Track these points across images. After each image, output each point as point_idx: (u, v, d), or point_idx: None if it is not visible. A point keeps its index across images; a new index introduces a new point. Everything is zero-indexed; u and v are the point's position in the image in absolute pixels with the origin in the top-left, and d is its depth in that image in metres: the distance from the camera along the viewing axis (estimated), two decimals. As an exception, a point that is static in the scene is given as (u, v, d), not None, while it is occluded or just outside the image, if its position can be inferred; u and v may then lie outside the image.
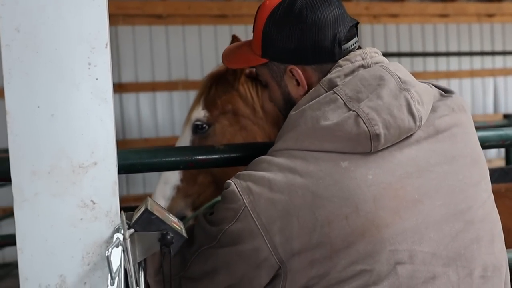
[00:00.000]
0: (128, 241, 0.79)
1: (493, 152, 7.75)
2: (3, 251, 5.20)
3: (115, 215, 0.84)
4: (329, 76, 1.09)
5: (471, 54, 7.40)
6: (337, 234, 0.98)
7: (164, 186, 1.70)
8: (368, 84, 1.05)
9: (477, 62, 8.04)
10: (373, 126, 1.00)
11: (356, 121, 1.00)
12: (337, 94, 1.04)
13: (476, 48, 7.93)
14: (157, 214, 0.85)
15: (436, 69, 7.89)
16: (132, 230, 0.82)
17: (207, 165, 1.17)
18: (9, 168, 0.81)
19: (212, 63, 6.87)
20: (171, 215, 0.98)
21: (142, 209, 0.86)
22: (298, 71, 1.14)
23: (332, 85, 1.07)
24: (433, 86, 1.15)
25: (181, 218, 1.71)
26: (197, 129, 1.71)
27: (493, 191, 1.70)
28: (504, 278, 1.10)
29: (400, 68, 1.10)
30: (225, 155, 1.18)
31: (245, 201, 1.02)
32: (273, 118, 1.69)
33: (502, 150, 7.82)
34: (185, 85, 6.82)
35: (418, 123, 1.04)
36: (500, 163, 8.04)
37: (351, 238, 0.98)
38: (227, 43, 6.25)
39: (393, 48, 7.59)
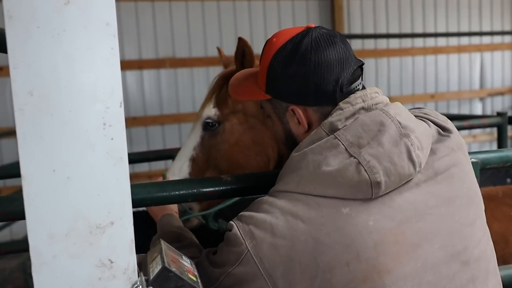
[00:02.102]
0: (147, 301, 0.80)
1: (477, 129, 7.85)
2: None
3: (132, 272, 0.84)
4: (330, 119, 1.10)
5: (459, 35, 7.38)
6: (338, 280, 1.00)
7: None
8: (369, 129, 1.06)
9: (464, 38, 8.05)
10: (374, 174, 1.01)
11: (357, 168, 1.01)
12: (338, 139, 1.06)
13: (464, 26, 7.92)
14: (174, 269, 0.85)
15: (424, 45, 7.88)
16: (150, 289, 0.83)
17: (215, 197, 1.18)
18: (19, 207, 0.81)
19: (200, 40, 6.78)
20: (183, 258, 0.99)
21: (159, 264, 0.86)
22: (299, 111, 1.15)
23: (333, 129, 1.09)
24: (431, 124, 1.16)
25: (183, 211, 1.75)
26: (207, 126, 1.75)
27: (490, 196, 1.74)
28: None
29: (400, 111, 1.11)
30: (233, 186, 1.19)
31: (248, 245, 1.04)
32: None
33: (489, 129, 7.94)
34: (173, 62, 6.74)
35: (417, 169, 1.06)
36: (485, 137, 8.18)
37: (352, 284, 1.00)
38: (215, 19, 6.16)
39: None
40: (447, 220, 1.07)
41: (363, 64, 1.18)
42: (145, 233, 1.42)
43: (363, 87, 1.17)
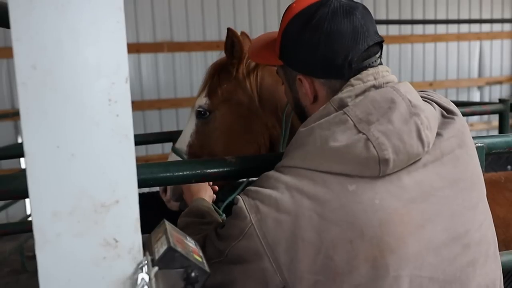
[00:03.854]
0: (153, 281, 0.79)
1: (475, 117, 7.85)
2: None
3: (137, 252, 0.83)
4: (340, 95, 1.08)
5: (458, 22, 7.34)
6: (341, 258, 0.99)
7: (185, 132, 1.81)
8: (379, 106, 1.04)
9: (464, 26, 8.01)
10: (382, 151, 0.99)
11: (366, 145, 1.00)
12: (347, 114, 1.03)
13: (465, 14, 7.87)
14: (180, 249, 0.84)
15: (424, 33, 7.84)
16: (156, 268, 0.81)
17: (219, 178, 1.17)
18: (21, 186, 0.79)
19: (198, 24, 6.71)
20: (188, 238, 0.98)
21: (164, 244, 0.85)
22: (305, 81, 1.14)
23: (342, 105, 1.07)
24: (436, 106, 1.15)
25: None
26: (199, 114, 1.81)
27: (492, 181, 1.74)
28: None
29: (410, 90, 1.09)
30: (237, 168, 1.17)
31: (252, 219, 1.03)
32: (271, 107, 1.73)
33: (486, 118, 7.93)
34: (171, 46, 6.68)
35: (426, 149, 1.04)
36: (482, 126, 8.18)
37: (354, 262, 0.99)
38: (214, 3, 6.12)
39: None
40: (451, 202, 1.06)
41: (382, 41, 1.14)
42: (145, 214, 1.40)
43: (381, 64, 1.14)
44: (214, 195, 1.66)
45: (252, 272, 1.04)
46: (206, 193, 1.58)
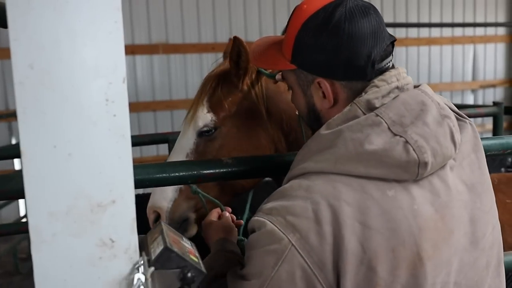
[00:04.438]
0: (149, 281, 0.79)
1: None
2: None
3: (134, 252, 0.83)
4: (366, 96, 1.04)
5: (452, 25, 7.39)
6: (383, 268, 0.94)
7: (166, 188, 1.62)
8: (411, 108, 1.01)
9: (458, 29, 8.06)
10: (422, 154, 0.96)
11: (405, 148, 0.96)
12: (380, 116, 1.00)
13: (459, 17, 7.92)
14: (176, 250, 0.84)
15: (418, 36, 7.88)
16: (152, 269, 0.81)
17: (215, 179, 1.17)
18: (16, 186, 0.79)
19: (193, 25, 6.71)
20: (184, 239, 0.98)
21: (160, 245, 0.85)
22: (326, 84, 1.08)
23: (370, 107, 1.03)
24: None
25: (184, 220, 1.66)
26: (202, 132, 1.64)
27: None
28: None
29: (433, 92, 1.08)
30: (233, 169, 1.17)
31: (290, 239, 0.93)
32: (277, 120, 1.63)
33: (480, 120, 7.98)
34: (166, 48, 6.68)
35: (457, 151, 1.03)
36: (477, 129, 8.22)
37: (396, 272, 0.94)
38: (209, 4, 6.09)
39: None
40: (470, 206, 1.05)
41: (395, 40, 1.12)
42: (140, 216, 1.40)
43: (393, 65, 1.12)
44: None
45: None
46: (231, 233, 1.39)
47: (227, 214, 1.48)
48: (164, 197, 1.60)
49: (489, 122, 7.25)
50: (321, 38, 1.06)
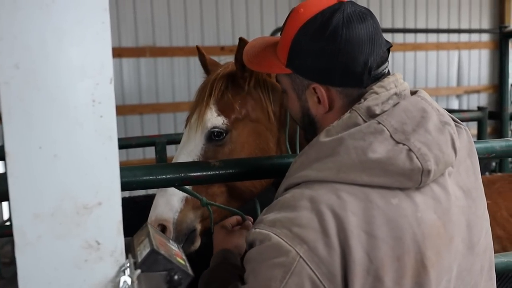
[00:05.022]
0: (136, 284, 0.78)
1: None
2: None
3: (120, 255, 0.82)
4: (366, 103, 1.03)
5: (438, 31, 7.47)
6: (390, 277, 0.93)
7: (171, 198, 1.54)
8: (412, 116, 1.01)
9: (443, 35, 8.15)
10: (426, 162, 0.96)
11: (408, 156, 0.96)
12: (382, 124, 0.99)
13: (444, 23, 8.01)
14: (163, 252, 0.83)
15: (404, 41, 7.96)
16: (139, 271, 0.81)
17: (202, 182, 1.16)
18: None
19: (181, 29, 6.70)
20: (170, 242, 0.97)
21: (147, 247, 0.84)
22: (322, 90, 1.08)
23: (370, 114, 1.02)
24: None
25: (192, 231, 1.59)
26: (212, 136, 1.56)
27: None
28: None
29: (432, 99, 1.08)
30: (221, 172, 1.17)
31: (298, 251, 0.91)
32: (279, 122, 1.61)
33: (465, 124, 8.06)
34: (153, 51, 6.65)
35: (457, 158, 1.03)
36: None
37: (402, 281, 0.94)
38: (197, 7, 6.05)
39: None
40: (466, 212, 1.05)
41: (391, 46, 1.11)
42: (127, 218, 1.39)
43: (389, 72, 1.11)
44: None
45: None
46: (239, 247, 1.35)
47: (249, 223, 1.45)
48: (170, 208, 1.53)
49: (473, 127, 7.33)
50: (318, 43, 1.05)
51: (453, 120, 1.14)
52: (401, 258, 0.93)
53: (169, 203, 1.53)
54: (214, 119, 1.56)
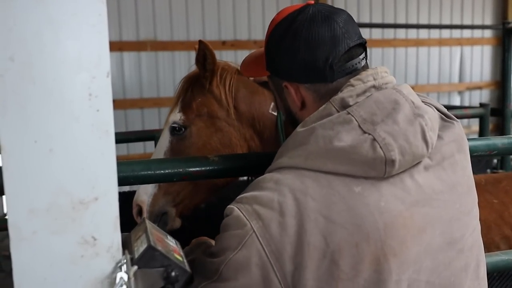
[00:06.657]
0: (132, 280, 0.77)
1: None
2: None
3: (116, 251, 0.81)
4: (340, 95, 1.06)
5: (440, 27, 7.44)
6: (346, 262, 0.96)
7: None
8: (383, 107, 1.03)
9: (446, 31, 8.11)
10: (389, 152, 0.98)
11: (372, 145, 0.98)
12: (351, 114, 1.02)
13: (446, 19, 7.98)
14: (160, 248, 0.83)
15: (406, 37, 7.92)
16: (135, 267, 0.80)
17: (201, 177, 1.15)
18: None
19: (182, 23, 6.67)
20: (168, 237, 0.97)
21: (144, 243, 0.83)
22: (290, 88, 1.13)
23: (344, 105, 1.05)
24: (435, 109, 1.14)
25: (163, 213, 1.77)
26: (174, 131, 1.76)
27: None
28: None
29: (412, 92, 1.09)
30: (220, 167, 1.16)
31: (253, 226, 0.97)
32: (248, 119, 1.72)
33: (466, 122, 8.05)
34: (154, 45, 6.62)
35: (430, 150, 1.04)
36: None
37: (359, 267, 0.96)
38: (199, 1, 6.02)
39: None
40: (449, 207, 1.06)
41: (364, 42, 1.14)
42: (125, 213, 1.38)
43: (366, 66, 1.14)
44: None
45: (252, 286, 0.97)
46: None
47: None
48: (145, 191, 1.75)
49: (475, 124, 7.32)
50: (283, 42, 1.12)
51: (445, 115, 1.14)
52: (359, 244, 0.96)
53: (146, 187, 1.75)
54: (174, 115, 1.78)
